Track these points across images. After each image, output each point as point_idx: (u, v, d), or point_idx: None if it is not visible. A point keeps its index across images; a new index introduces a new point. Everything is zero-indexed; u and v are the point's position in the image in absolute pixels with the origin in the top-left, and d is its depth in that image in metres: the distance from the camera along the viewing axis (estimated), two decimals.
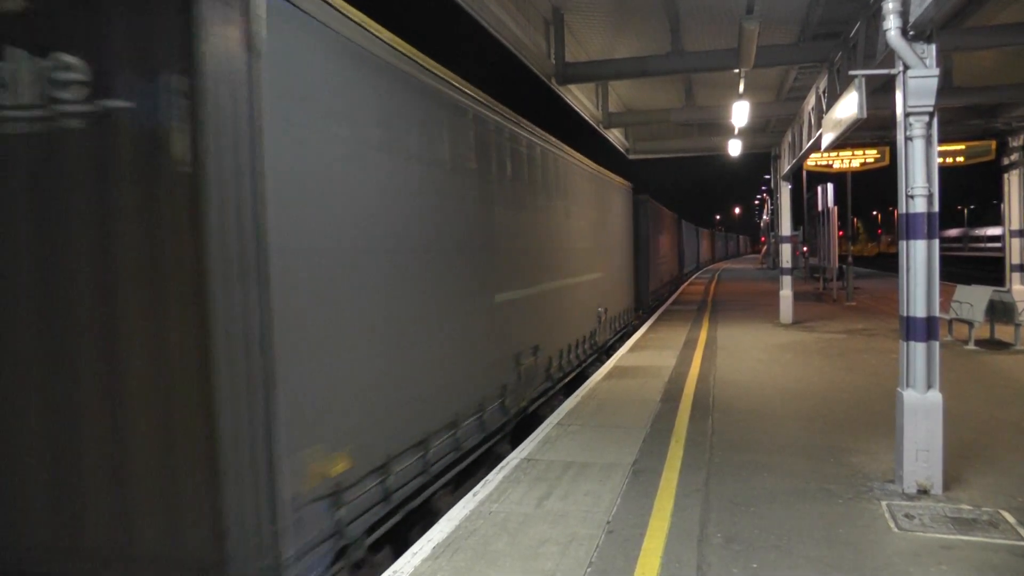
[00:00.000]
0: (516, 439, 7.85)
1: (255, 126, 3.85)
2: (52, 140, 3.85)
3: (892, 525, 4.99)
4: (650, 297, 21.50)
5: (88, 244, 3.87)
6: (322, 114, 4.53)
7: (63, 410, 3.95)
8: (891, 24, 5.47)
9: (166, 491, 3.86)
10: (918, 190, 5.54)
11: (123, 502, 3.90)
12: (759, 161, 28.86)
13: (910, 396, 5.62)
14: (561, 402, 9.46)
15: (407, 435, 5.55)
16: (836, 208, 23.94)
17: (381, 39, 5.30)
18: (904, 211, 5.66)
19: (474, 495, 5.78)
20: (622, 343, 15.07)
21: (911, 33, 5.48)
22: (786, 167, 18.48)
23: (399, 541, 5.42)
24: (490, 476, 6.27)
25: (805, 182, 32.32)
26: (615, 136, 20.91)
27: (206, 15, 3.66)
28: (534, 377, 9.19)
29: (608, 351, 14.59)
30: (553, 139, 10.58)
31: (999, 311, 12.77)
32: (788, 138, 17.91)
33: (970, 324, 12.75)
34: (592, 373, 11.59)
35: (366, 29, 5.07)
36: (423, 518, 5.81)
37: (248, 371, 3.85)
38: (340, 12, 4.72)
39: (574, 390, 10.12)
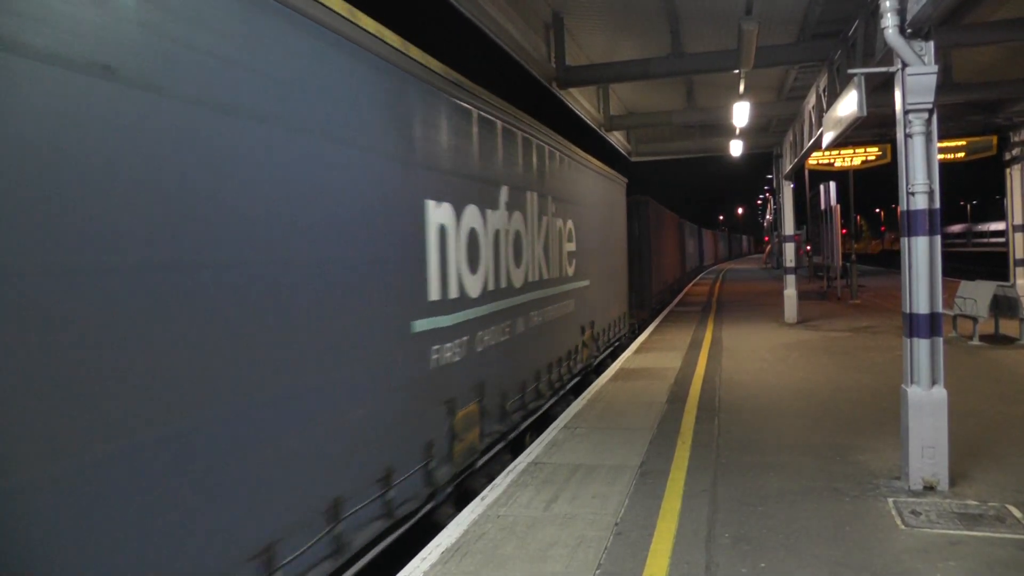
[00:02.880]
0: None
1: (649, 228, 19.88)
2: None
3: (899, 522, 5.01)
4: (685, 275, 36.08)
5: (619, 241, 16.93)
6: (656, 225, 21.59)
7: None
8: (889, 22, 5.50)
9: (616, 298, 15.13)
10: (919, 187, 5.56)
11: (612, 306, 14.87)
12: (761, 161, 28.88)
13: (915, 393, 5.63)
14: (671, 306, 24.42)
15: (661, 289, 22.68)
16: (839, 206, 23.93)
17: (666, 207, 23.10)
18: (905, 208, 5.68)
19: (482, 499, 5.80)
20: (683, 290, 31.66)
21: (909, 31, 5.50)
22: (788, 166, 18.49)
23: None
24: (498, 480, 6.29)
25: (808, 181, 32.29)
26: (617, 139, 20.92)
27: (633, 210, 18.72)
28: (668, 291, 24.91)
29: (674, 293, 28.59)
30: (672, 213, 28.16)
31: (1003, 306, 12.76)
32: (790, 137, 17.91)
33: (974, 320, 12.74)
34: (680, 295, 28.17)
35: (661, 205, 24.35)
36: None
37: (638, 278, 18.65)
38: (653, 200, 20.88)
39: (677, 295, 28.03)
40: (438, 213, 6.02)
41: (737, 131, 18.16)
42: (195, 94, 3.41)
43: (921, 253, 5.60)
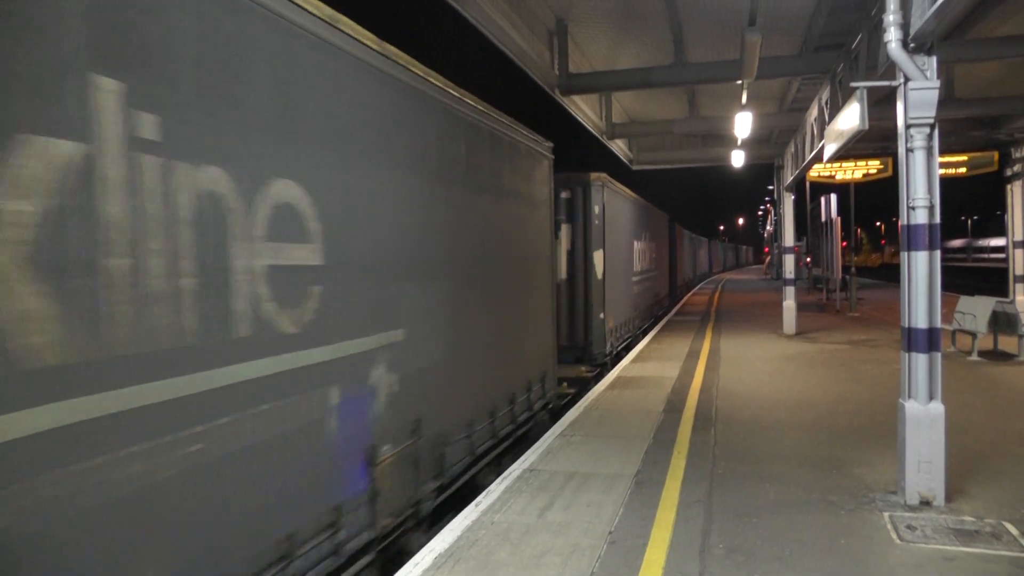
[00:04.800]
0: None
1: (675, 242, 33.11)
2: None
3: (894, 536, 4.99)
4: (695, 277, 46.27)
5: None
6: (678, 240, 34.66)
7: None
8: (892, 36, 5.50)
9: (664, 282, 27.44)
10: (919, 201, 5.56)
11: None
12: (763, 171, 29.04)
13: (912, 407, 5.61)
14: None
15: (680, 284, 34.35)
16: (839, 219, 23.95)
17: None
18: (905, 222, 5.67)
19: (476, 505, 5.79)
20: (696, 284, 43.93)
21: (912, 45, 5.50)
22: (789, 178, 18.51)
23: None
24: (492, 486, 6.27)
25: (808, 193, 32.33)
26: (619, 147, 20.96)
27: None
28: (684, 286, 36.50)
29: (688, 288, 37.83)
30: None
31: (1002, 322, 12.75)
32: (791, 149, 17.95)
33: (973, 335, 12.73)
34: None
35: (682, 227, 36.99)
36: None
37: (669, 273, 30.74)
38: (679, 224, 34.88)
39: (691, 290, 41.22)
40: (634, 244, 17.50)
41: (739, 141, 18.22)
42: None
43: (921, 268, 5.59)
